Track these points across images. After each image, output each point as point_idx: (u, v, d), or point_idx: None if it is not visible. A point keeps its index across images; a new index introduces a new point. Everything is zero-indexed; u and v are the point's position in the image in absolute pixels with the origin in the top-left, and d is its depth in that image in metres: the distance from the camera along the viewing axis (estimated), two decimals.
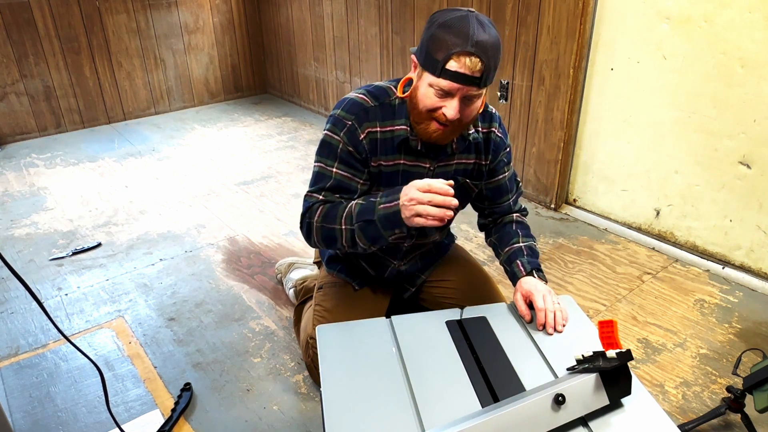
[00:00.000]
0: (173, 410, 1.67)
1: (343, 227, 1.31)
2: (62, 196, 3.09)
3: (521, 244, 1.49)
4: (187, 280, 2.31)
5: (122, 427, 1.52)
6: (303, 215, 1.41)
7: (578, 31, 2.43)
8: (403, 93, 1.34)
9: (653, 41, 2.28)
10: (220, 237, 2.65)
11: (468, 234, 2.63)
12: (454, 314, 1.31)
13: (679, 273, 2.32)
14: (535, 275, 1.41)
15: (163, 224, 2.78)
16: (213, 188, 3.15)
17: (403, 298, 1.74)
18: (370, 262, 1.64)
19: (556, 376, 1.11)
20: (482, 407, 1.04)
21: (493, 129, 1.47)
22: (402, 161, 1.41)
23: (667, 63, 2.27)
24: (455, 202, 1.19)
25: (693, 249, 2.42)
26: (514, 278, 1.44)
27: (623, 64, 2.41)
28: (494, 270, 2.35)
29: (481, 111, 1.35)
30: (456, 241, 1.83)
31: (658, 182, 2.46)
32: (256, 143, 3.78)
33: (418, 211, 1.18)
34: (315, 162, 1.42)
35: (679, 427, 1.53)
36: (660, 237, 2.52)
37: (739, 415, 1.51)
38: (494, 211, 1.58)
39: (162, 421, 1.65)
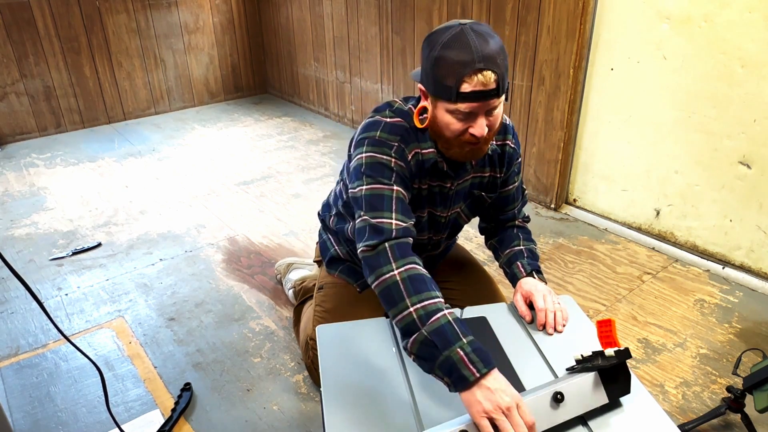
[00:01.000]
0: (173, 410, 1.68)
1: (413, 314, 1.07)
2: (62, 196, 3.09)
3: (522, 247, 1.49)
4: (187, 280, 2.31)
5: (122, 427, 1.52)
6: (372, 246, 1.17)
7: (578, 31, 2.43)
8: (421, 123, 1.29)
9: (653, 41, 2.28)
10: (220, 237, 2.65)
11: (468, 234, 2.63)
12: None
13: (679, 273, 2.32)
14: (535, 276, 1.40)
15: (163, 224, 2.78)
16: (213, 188, 3.15)
17: None
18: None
19: (556, 376, 1.11)
20: None
21: (508, 141, 1.45)
22: (427, 184, 1.37)
23: (667, 63, 2.27)
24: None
25: (693, 249, 2.42)
26: (514, 279, 1.44)
27: (623, 64, 2.41)
28: (494, 270, 2.35)
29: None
30: (457, 242, 1.83)
31: (658, 182, 2.46)
32: (256, 143, 3.78)
33: (492, 417, 0.95)
34: (361, 185, 1.25)
35: (679, 427, 1.53)
36: (660, 237, 2.52)
37: (739, 415, 1.51)
38: (499, 219, 1.58)
39: (162, 421, 1.65)
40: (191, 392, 1.75)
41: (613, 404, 1.04)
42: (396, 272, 1.12)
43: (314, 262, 1.88)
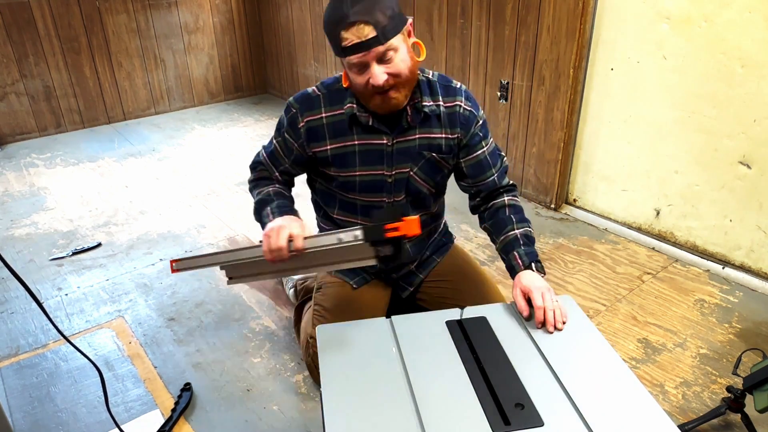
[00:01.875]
0: (173, 410, 1.68)
1: (256, 203, 1.51)
2: (62, 196, 3.09)
3: (516, 232, 1.48)
4: (187, 280, 2.31)
5: (122, 427, 1.52)
6: (252, 166, 1.63)
7: (578, 31, 2.43)
8: (346, 83, 1.42)
9: (653, 41, 2.28)
10: (220, 237, 2.65)
11: (468, 234, 2.63)
12: (454, 314, 1.31)
13: (679, 273, 2.32)
14: (534, 268, 1.40)
15: (163, 224, 2.78)
16: (213, 188, 3.15)
17: (402, 299, 1.74)
18: None
19: (556, 375, 1.11)
20: (482, 407, 1.04)
21: (459, 102, 1.48)
22: (356, 141, 1.46)
23: (667, 63, 2.27)
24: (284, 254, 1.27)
25: (693, 249, 2.42)
26: (512, 271, 1.44)
27: (623, 64, 2.41)
28: (494, 270, 2.35)
29: (413, 61, 1.35)
30: (456, 241, 1.83)
31: (658, 182, 2.46)
32: (256, 143, 3.78)
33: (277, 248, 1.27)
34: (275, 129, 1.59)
35: (679, 427, 1.53)
36: (660, 237, 2.52)
37: (739, 415, 1.51)
38: (480, 189, 1.56)
39: (162, 421, 1.65)
40: (191, 392, 1.75)
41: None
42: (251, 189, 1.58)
43: None
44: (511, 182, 1.59)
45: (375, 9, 1.25)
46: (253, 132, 3.99)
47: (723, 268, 2.31)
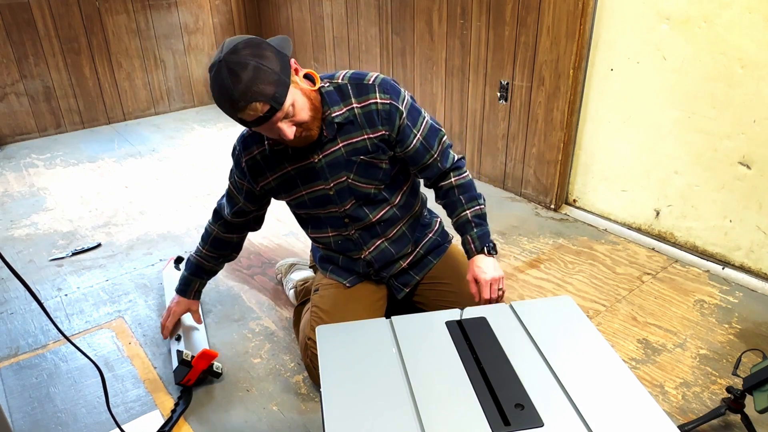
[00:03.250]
0: (173, 411, 1.67)
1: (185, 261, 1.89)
2: (62, 196, 3.09)
3: (467, 213, 1.52)
4: None
5: (122, 427, 1.52)
6: (213, 212, 1.81)
7: (578, 32, 2.43)
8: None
9: (653, 41, 2.29)
10: None
11: None
12: (454, 315, 1.31)
13: (678, 273, 2.32)
14: (485, 251, 1.48)
15: (163, 224, 2.77)
16: (213, 189, 3.15)
17: (400, 301, 1.73)
18: (343, 263, 1.69)
19: (556, 376, 1.11)
20: (482, 407, 1.04)
21: (373, 100, 1.45)
22: (289, 168, 1.51)
23: (667, 63, 2.27)
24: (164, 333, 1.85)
25: (693, 249, 2.42)
26: (467, 255, 1.53)
27: (623, 64, 2.41)
28: None
29: (311, 96, 1.38)
30: (453, 242, 1.83)
31: (657, 182, 2.46)
32: None
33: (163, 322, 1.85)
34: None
35: (679, 427, 1.53)
36: (660, 237, 2.52)
37: (739, 415, 1.51)
38: (427, 176, 1.58)
39: (162, 421, 1.65)
40: (191, 393, 1.75)
41: None
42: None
43: (310, 267, 1.90)
44: (456, 158, 1.59)
45: (259, 84, 1.24)
46: None
47: (723, 268, 2.31)
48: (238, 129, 4.03)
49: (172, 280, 2.19)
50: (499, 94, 2.85)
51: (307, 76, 1.42)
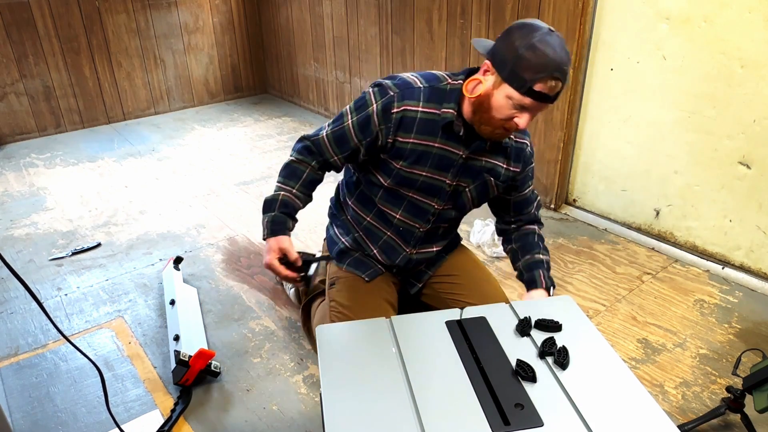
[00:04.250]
0: (173, 410, 1.68)
1: (268, 197, 1.56)
2: (62, 196, 3.09)
3: (543, 258, 1.60)
4: (187, 281, 2.31)
5: (122, 427, 1.52)
6: (299, 142, 1.59)
7: (578, 31, 2.43)
8: (471, 94, 1.39)
9: (653, 41, 2.28)
10: (220, 237, 2.65)
11: (466, 235, 2.63)
12: (454, 314, 1.31)
13: (678, 273, 2.32)
14: (550, 293, 1.53)
15: (162, 224, 2.77)
16: (213, 188, 3.15)
17: (409, 294, 1.74)
18: (384, 246, 1.64)
19: (555, 375, 1.11)
20: (482, 407, 1.04)
21: (526, 141, 1.57)
22: (437, 144, 1.47)
23: (666, 63, 2.27)
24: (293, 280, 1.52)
25: (693, 249, 2.42)
26: (531, 284, 1.57)
27: (623, 64, 2.41)
28: (494, 270, 2.35)
29: None
30: (461, 242, 1.83)
31: (657, 182, 2.46)
32: (255, 143, 3.78)
33: (267, 266, 1.49)
34: (345, 109, 1.53)
35: (679, 427, 1.53)
36: (660, 237, 2.52)
37: (739, 415, 1.51)
38: (520, 220, 1.67)
39: (162, 421, 1.65)
40: (191, 392, 1.75)
41: None
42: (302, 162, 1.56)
43: (323, 256, 1.86)
44: (540, 216, 1.71)
45: (569, 71, 1.32)
46: (252, 132, 3.99)
47: (723, 268, 2.31)
48: (238, 129, 4.04)
49: (172, 281, 2.19)
50: None
51: None
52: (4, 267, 1.08)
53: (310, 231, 2.66)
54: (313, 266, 1.67)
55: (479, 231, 2.54)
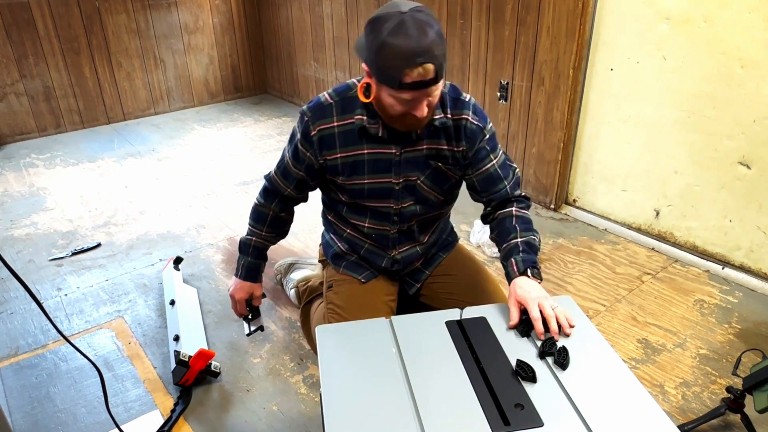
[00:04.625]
0: (173, 411, 1.68)
1: (241, 240, 1.72)
2: (62, 196, 3.09)
3: (518, 240, 1.45)
4: (187, 281, 2.31)
5: (122, 427, 1.52)
6: (264, 182, 1.72)
7: (578, 32, 2.43)
8: (366, 98, 1.38)
9: (653, 41, 2.29)
10: (220, 237, 2.65)
11: (468, 235, 2.63)
12: (454, 314, 1.31)
13: (678, 273, 2.32)
14: (529, 274, 1.35)
15: (162, 224, 2.77)
16: (213, 188, 3.15)
17: (408, 295, 1.74)
18: (366, 254, 1.66)
19: (555, 376, 1.11)
20: (482, 407, 1.04)
21: (465, 116, 1.48)
22: (365, 150, 1.47)
23: (666, 63, 2.27)
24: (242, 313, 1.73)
25: (693, 249, 2.42)
26: (508, 278, 1.40)
27: (623, 64, 2.41)
28: (494, 271, 2.35)
29: (443, 94, 1.41)
30: (459, 242, 1.83)
31: (657, 182, 2.46)
32: (255, 143, 3.78)
33: (231, 297, 1.72)
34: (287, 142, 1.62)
35: (679, 427, 1.53)
36: (660, 237, 2.52)
37: (739, 415, 1.51)
38: (491, 200, 1.57)
39: (162, 421, 1.65)
40: (191, 393, 1.75)
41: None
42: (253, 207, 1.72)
43: (319, 262, 1.88)
44: (523, 194, 1.61)
45: (440, 48, 1.25)
46: (252, 132, 3.99)
47: (723, 268, 2.31)
48: (238, 129, 4.04)
49: (172, 281, 2.19)
50: (499, 93, 2.85)
51: None
52: (4, 267, 1.08)
53: (310, 231, 2.66)
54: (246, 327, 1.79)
55: (479, 231, 2.54)
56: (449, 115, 1.47)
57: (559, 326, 1.24)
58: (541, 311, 1.25)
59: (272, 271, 2.34)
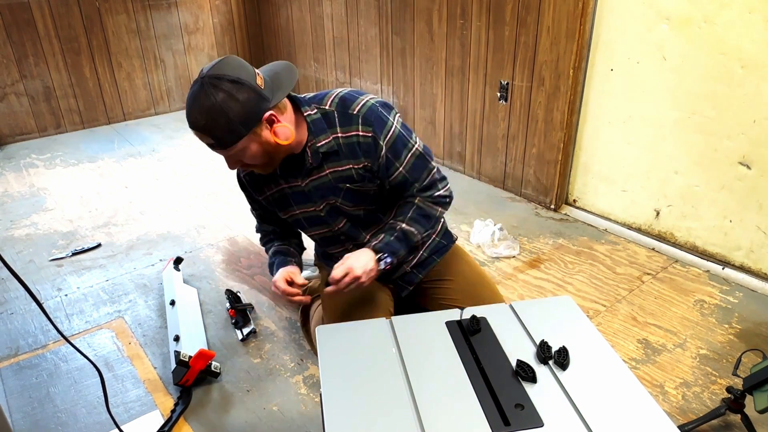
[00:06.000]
0: (173, 411, 1.68)
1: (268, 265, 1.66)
2: (62, 196, 3.09)
3: (402, 225, 1.49)
4: (187, 281, 2.31)
5: (122, 427, 1.52)
6: (258, 234, 1.75)
7: (578, 32, 2.43)
8: None
9: (653, 42, 2.29)
10: (220, 237, 2.65)
11: (468, 235, 2.63)
12: (454, 314, 1.31)
13: (678, 273, 2.32)
14: (379, 259, 1.44)
15: (162, 225, 2.78)
16: (213, 189, 3.15)
17: (402, 299, 1.73)
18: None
19: (555, 376, 1.11)
20: (482, 407, 1.04)
21: (355, 132, 1.42)
22: (283, 185, 1.52)
23: (666, 63, 2.27)
24: (298, 298, 1.50)
25: (693, 249, 2.42)
26: (366, 245, 1.49)
27: (623, 64, 2.41)
28: (494, 271, 2.35)
29: (273, 148, 1.36)
30: (457, 242, 1.82)
31: (657, 183, 2.46)
32: None
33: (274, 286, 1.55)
34: None
35: (679, 427, 1.53)
36: (660, 237, 2.52)
37: (739, 415, 1.51)
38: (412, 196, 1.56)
39: (162, 421, 1.65)
40: (191, 393, 1.75)
41: None
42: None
43: (315, 264, 1.90)
44: (437, 194, 1.53)
45: (211, 121, 1.27)
46: None
47: (723, 268, 2.31)
48: None
49: (172, 281, 2.19)
50: (499, 94, 2.85)
51: (299, 109, 1.42)
52: (4, 267, 1.08)
53: None
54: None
55: (479, 231, 2.54)
56: (339, 134, 1.43)
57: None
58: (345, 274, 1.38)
59: None
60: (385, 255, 1.45)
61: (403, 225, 1.48)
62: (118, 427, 1.47)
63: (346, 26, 3.65)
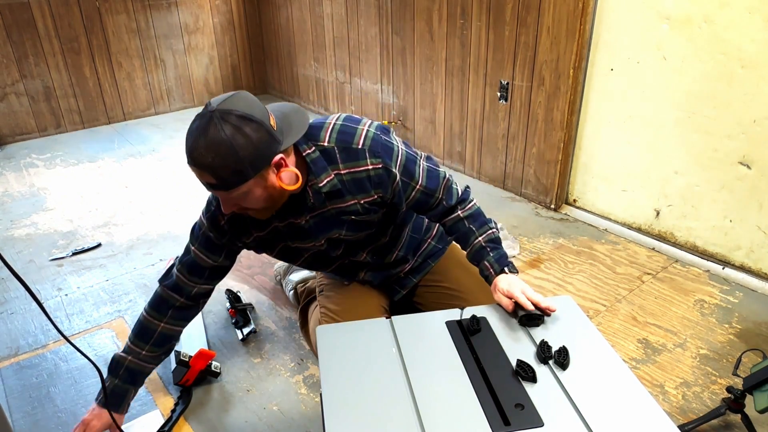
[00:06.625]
0: (173, 411, 1.68)
1: (114, 358, 1.54)
2: (62, 196, 3.09)
3: (480, 240, 1.45)
4: None
5: (122, 427, 1.52)
6: (161, 281, 1.57)
7: (578, 32, 2.43)
8: None
9: (653, 41, 2.29)
10: None
11: None
12: (454, 314, 1.31)
13: (679, 273, 2.32)
14: (507, 270, 1.39)
15: (163, 224, 2.77)
16: None
17: (399, 303, 1.73)
18: (338, 271, 1.66)
19: (556, 376, 1.11)
20: (482, 407, 1.04)
21: (365, 167, 1.36)
22: (277, 224, 1.42)
23: (667, 63, 2.27)
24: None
25: (693, 249, 2.42)
26: (487, 280, 1.42)
27: (623, 64, 2.41)
28: None
29: (276, 192, 1.28)
30: (454, 244, 1.82)
31: (658, 182, 2.46)
32: None
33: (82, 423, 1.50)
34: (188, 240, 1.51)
35: (680, 427, 1.53)
36: (660, 237, 2.52)
37: (740, 415, 1.51)
38: (434, 215, 1.53)
39: (162, 421, 1.65)
40: (191, 393, 1.75)
41: None
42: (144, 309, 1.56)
43: None
44: (461, 192, 1.51)
45: (217, 160, 1.17)
46: None
47: (723, 268, 2.31)
48: None
49: None
50: (499, 94, 2.85)
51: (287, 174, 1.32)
52: (4, 267, 1.08)
53: None
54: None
55: None
56: (342, 171, 1.35)
57: (542, 310, 1.28)
58: (528, 298, 1.28)
59: (272, 272, 2.34)
60: (507, 265, 1.41)
61: (481, 239, 1.45)
62: (118, 427, 1.47)
63: (346, 26, 3.65)
